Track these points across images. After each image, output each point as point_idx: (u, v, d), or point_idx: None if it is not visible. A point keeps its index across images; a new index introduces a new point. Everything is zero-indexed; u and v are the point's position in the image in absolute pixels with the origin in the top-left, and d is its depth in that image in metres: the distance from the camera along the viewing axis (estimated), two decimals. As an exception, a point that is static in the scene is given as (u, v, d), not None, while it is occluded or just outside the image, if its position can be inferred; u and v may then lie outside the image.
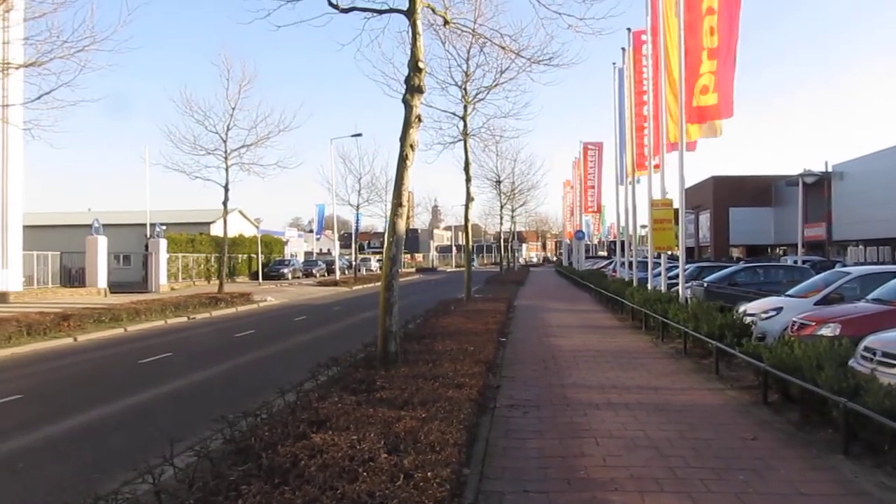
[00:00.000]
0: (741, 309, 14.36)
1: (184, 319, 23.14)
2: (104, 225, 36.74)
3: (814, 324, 11.34)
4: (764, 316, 13.75)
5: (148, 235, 40.35)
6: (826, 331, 10.85)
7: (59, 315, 19.01)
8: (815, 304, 13.32)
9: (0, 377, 12.71)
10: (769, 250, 57.10)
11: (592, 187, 50.02)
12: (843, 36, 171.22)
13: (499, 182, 46.70)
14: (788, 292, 15.09)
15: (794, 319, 11.97)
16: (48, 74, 16.79)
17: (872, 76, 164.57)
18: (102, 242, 34.98)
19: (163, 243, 39.64)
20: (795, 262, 29.45)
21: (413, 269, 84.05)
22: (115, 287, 35.63)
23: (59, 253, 35.35)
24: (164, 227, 41.21)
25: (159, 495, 4.80)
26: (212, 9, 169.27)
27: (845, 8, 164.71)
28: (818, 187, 42.25)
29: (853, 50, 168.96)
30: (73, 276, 35.92)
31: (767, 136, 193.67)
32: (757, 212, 57.88)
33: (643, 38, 23.12)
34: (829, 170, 43.47)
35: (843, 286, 13.87)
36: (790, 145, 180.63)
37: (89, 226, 36.18)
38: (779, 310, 13.76)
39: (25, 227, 29.73)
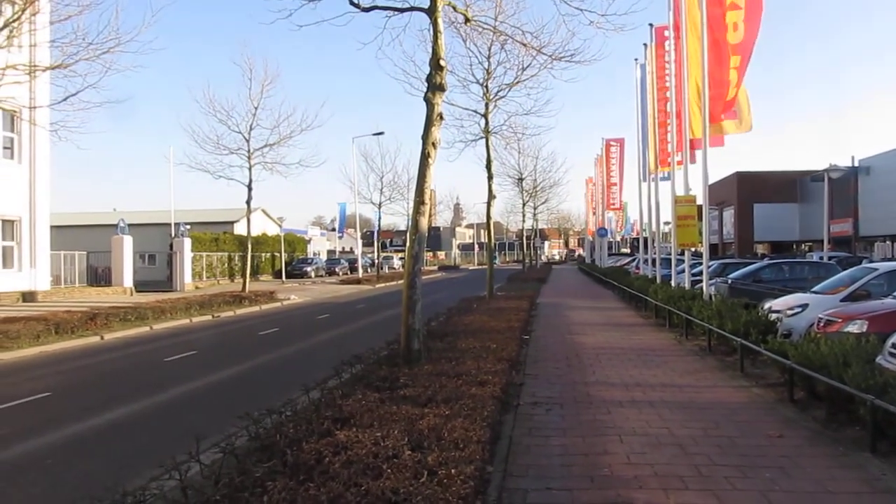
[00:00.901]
0: (766, 306, 14.25)
1: (208, 318, 23.34)
2: (129, 224, 37.10)
3: (840, 320, 11.22)
4: (789, 313, 13.62)
5: (172, 235, 40.71)
6: (853, 328, 10.73)
7: (86, 314, 19.25)
8: (842, 300, 13.17)
9: (29, 375, 12.91)
10: (794, 247, 56.58)
11: (615, 184, 49.83)
12: (866, 26, 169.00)
13: (521, 179, 46.62)
14: (814, 289, 14.93)
15: (821, 316, 11.85)
16: (74, 76, 17.03)
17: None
18: (128, 242, 35.34)
19: (187, 242, 40.00)
20: (821, 258, 29.11)
21: (435, 267, 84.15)
22: (140, 286, 35.98)
23: (85, 252, 35.73)
24: (188, 227, 41.56)
25: (186, 491, 4.84)
26: (233, 8, 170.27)
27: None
28: (844, 182, 41.75)
29: (880, 41, 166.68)
30: (99, 276, 36.30)
31: (792, 132, 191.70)
32: (782, 208, 57.30)
33: (665, 33, 22.98)
34: (856, 164, 42.96)
35: (870, 282, 13.70)
36: (815, 140, 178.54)
37: (115, 225, 36.55)
38: (804, 306, 13.62)
39: (52, 228, 30.12)
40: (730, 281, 20.14)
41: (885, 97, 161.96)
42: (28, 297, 27.44)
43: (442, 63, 10.64)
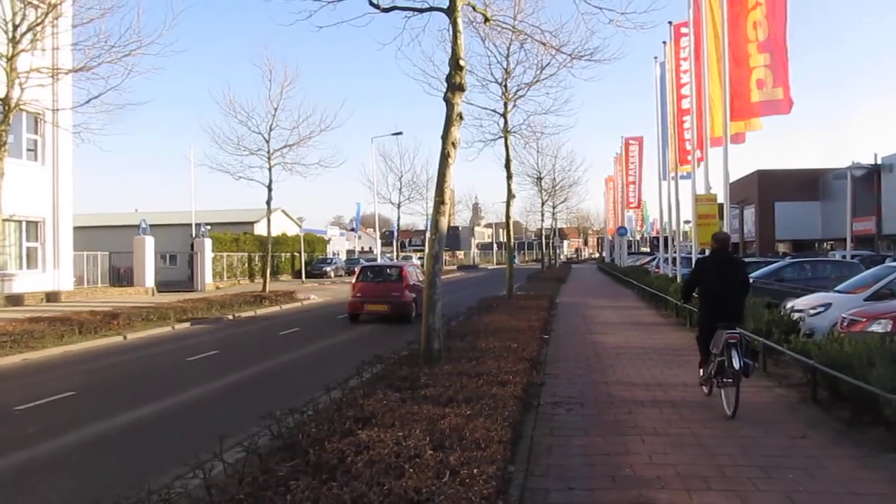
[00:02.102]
0: (788, 305, 14.13)
1: (229, 318, 23.48)
2: (151, 225, 37.41)
3: (864, 320, 11.13)
4: (812, 312, 13.49)
5: (193, 235, 41.00)
6: (877, 327, 10.64)
7: (108, 314, 19.43)
8: (865, 300, 13.03)
9: (54, 374, 13.06)
10: (816, 245, 56.02)
11: (633, 182, 49.62)
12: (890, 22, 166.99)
13: (540, 179, 46.53)
14: (837, 288, 14.79)
15: (844, 316, 11.74)
16: (96, 79, 17.25)
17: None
18: (149, 242, 35.64)
19: (208, 243, 40.28)
20: (844, 257, 28.84)
21: (454, 267, 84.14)
22: (161, 286, 36.27)
23: (107, 253, 36.08)
24: (208, 227, 41.85)
25: (210, 490, 4.88)
26: (253, 10, 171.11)
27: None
28: (867, 180, 41.28)
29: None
30: (121, 276, 36.64)
31: (813, 128, 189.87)
32: (803, 206, 56.71)
33: (683, 30, 22.87)
34: (879, 162, 42.47)
35: (894, 281, 13.55)
36: (837, 137, 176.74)
37: (136, 226, 36.88)
38: (827, 306, 13.49)
39: (75, 229, 30.45)
40: (752, 280, 19.96)
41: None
42: (52, 297, 27.75)
43: (461, 63, 10.63)
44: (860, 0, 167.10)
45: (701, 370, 9.37)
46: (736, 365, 8.11)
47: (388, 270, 23.43)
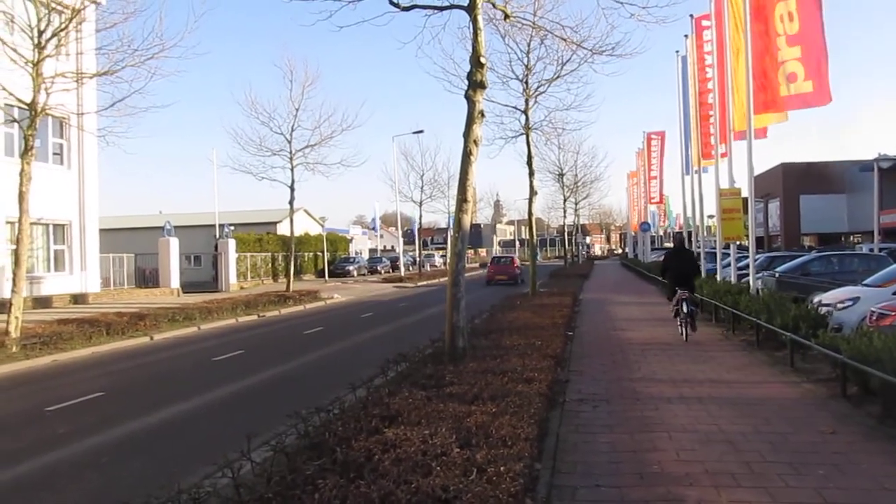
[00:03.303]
0: (815, 299, 13.99)
1: (254, 317, 23.64)
2: (175, 227, 37.69)
3: (894, 314, 10.98)
4: (840, 306, 13.33)
5: (217, 236, 41.25)
6: (907, 321, 10.49)
7: (135, 315, 19.64)
8: (895, 293, 12.86)
9: (83, 375, 13.22)
10: (843, 238, 55.22)
11: (655, 177, 49.34)
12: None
13: (561, 175, 46.35)
14: (865, 281, 14.60)
15: (873, 309, 11.59)
16: (120, 82, 17.42)
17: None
18: (174, 244, 35.92)
19: (231, 243, 40.53)
20: (871, 250, 28.46)
21: (476, 265, 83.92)
22: (186, 287, 36.57)
23: (133, 255, 36.38)
24: (232, 228, 42.11)
25: (238, 489, 4.91)
26: (274, 11, 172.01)
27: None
28: (894, 172, 40.65)
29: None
30: (147, 277, 36.95)
31: (838, 120, 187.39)
32: (829, 199, 55.93)
33: (705, 23, 22.67)
34: (906, 153, 41.80)
35: (924, 274, 13.37)
36: (863, 128, 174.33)
37: (161, 228, 37.16)
38: (855, 300, 13.33)
39: (101, 231, 30.75)
40: (777, 274, 19.77)
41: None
42: (79, 298, 28.07)
43: (482, 60, 10.63)
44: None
45: (675, 316, 14.86)
46: (685, 310, 14.26)
47: (504, 259, 46.60)
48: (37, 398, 11.06)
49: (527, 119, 23.19)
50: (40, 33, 15.68)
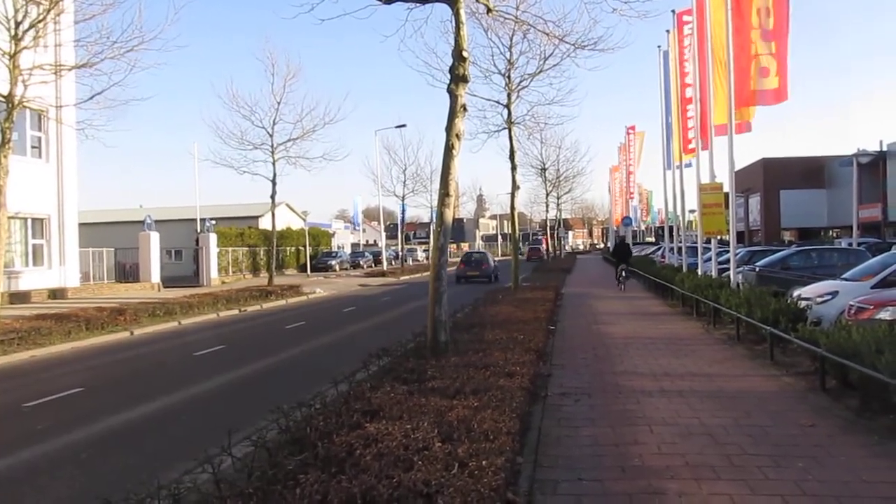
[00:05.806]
0: (795, 293, 14.09)
1: (235, 312, 23.51)
2: (156, 221, 37.41)
3: (872, 307, 11.08)
4: (819, 300, 13.43)
5: (198, 230, 40.98)
6: (885, 314, 10.60)
7: (115, 310, 19.46)
8: (873, 287, 12.95)
9: (61, 370, 13.10)
10: (822, 233, 55.77)
11: (632, 172, 49.67)
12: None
13: (544, 170, 46.54)
14: (844, 276, 14.74)
15: (852, 303, 11.69)
16: (99, 75, 17.27)
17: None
18: (155, 238, 35.66)
19: (213, 238, 40.29)
20: (850, 244, 28.75)
21: (459, 259, 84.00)
22: (167, 281, 36.32)
23: (113, 249, 36.05)
24: (213, 222, 41.85)
25: (219, 484, 4.88)
26: (255, 4, 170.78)
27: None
28: (873, 167, 41.01)
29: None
30: (127, 272, 36.65)
31: (817, 115, 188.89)
32: (809, 194, 56.45)
33: (686, 18, 22.77)
34: (884, 149, 42.24)
35: (902, 268, 13.49)
36: (841, 124, 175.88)
37: (141, 222, 36.85)
38: (834, 294, 13.43)
39: (80, 225, 30.48)
40: (757, 269, 19.93)
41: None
42: (58, 293, 27.81)
43: (465, 54, 10.59)
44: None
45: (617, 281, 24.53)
46: (623, 275, 27.06)
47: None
48: (14, 394, 10.94)
49: (509, 113, 23.18)
50: (17, 24, 15.49)
